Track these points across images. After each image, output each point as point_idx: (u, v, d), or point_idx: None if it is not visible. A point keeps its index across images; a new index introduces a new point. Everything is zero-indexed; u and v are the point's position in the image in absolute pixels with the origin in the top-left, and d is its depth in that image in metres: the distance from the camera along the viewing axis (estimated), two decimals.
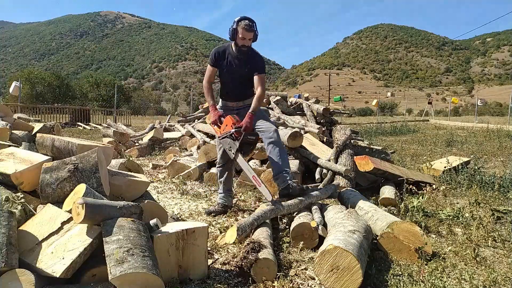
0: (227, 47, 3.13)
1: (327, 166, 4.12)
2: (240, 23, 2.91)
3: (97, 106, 30.48)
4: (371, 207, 2.82)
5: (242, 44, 2.97)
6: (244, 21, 2.92)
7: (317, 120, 6.33)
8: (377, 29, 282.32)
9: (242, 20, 2.92)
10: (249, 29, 2.91)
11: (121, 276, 1.45)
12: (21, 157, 2.18)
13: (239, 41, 2.95)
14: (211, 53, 3.17)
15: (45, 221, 1.75)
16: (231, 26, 2.96)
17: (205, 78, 3.22)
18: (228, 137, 2.92)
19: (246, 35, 2.93)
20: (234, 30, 2.93)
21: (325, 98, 54.44)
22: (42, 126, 4.55)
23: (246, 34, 2.93)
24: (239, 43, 2.97)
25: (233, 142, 2.89)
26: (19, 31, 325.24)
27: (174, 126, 8.70)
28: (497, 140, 9.77)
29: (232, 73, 3.12)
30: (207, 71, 3.22)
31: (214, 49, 3.18)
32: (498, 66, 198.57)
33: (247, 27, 2.90)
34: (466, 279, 1.97)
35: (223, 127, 3.01)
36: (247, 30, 2.91)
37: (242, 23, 2.91)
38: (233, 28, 2.94)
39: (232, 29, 2.95)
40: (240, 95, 3.21)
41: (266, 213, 2.64)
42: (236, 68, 3.09)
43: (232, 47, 3.08)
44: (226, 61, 3.10)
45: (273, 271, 1.96)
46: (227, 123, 2.97)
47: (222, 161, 3.29)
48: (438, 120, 23.63)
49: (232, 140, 2.90)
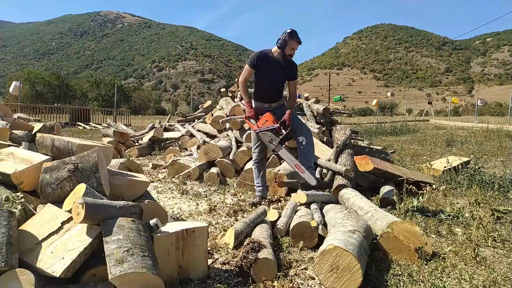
0: (268, 53, 3.43)
1: (327, 166, 4.11)
2: (293, 36, 3.31)
3: (97, 106, 30.46)
4: (371, 207, 2.82)
5: (289, 54, 3.36)
6: (297, 35, 3.33)
7: (317, 120, 6.32)
8: (377, 29, 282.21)
9: (295, 34, 3.32)
10: (299, 41, 3.36)
11: (121, 276, 1.45)
12: (21, 156, 2.17)
13: (288, 51, 3.34)
14: (253, 55, 3.46)
15: (45, 221, 1.75)
16: (283, 37, 3.31)
17: (242, 77, 3.54)
18: (268, 131, 3.32)
19: (295, 47, 3.36)
20: (285, 41, 3.30)
21: (325, 98, 54.41)
22: (42, 125, 4.54)
23: (296, 46, 3.36)
24: (287, 52, 3.35)
25: (274, 135, 3.30)
26: (19, 31, 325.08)
27: (174, 126, 8.69)
28: (497, 140, 9.77)
29: (273, 77, 3.46)
30: (245, 71, 3.52)
31: (256, 53, 3.48)
32: (498, 66, 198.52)
33: (299, 40, 3.34)
34: (466, 279, 1.97)
35: (262, 122, 3.37)
36: (298, 42, 3.35)
37: (295, 37, 3.31)
38: (284, 39, 3.30)
39: (283, 39, 3.31)
40: (276, 97, 3.57)
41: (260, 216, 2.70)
42: (278, 73, 3.46)
43: (273, 54, 3.40)
44: (267, 66, 3.42)
45: (273, 271, 1.96)
46: (267, 119, 3.35)
47: (259, 157, 3.62)
48: (438, 120, 23.62)
49: (273, 133, 3.31)
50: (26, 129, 4.25)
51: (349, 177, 3.90)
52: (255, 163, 3.67)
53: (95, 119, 18.55)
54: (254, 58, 3.43)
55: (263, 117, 3.40)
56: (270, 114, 3.38)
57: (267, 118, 3.37)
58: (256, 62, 3.42)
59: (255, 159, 3.66)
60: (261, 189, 3.63)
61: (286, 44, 3.32)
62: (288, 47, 3.33)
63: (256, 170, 3.67)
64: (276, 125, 3.28)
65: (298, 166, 3.22)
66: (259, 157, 3.63)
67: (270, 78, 3.48)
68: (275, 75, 3.48)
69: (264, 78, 3.48)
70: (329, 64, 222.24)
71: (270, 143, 3.33)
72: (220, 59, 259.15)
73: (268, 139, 3.34)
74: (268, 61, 3.42)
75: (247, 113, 3.52)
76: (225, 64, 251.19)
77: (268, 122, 3.35)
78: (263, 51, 3.49)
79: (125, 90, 40.51)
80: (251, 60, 3.45)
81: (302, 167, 3.20)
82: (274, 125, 3.30)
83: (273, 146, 3.30)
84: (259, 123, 3.41)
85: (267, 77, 3.47)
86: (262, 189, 3.63)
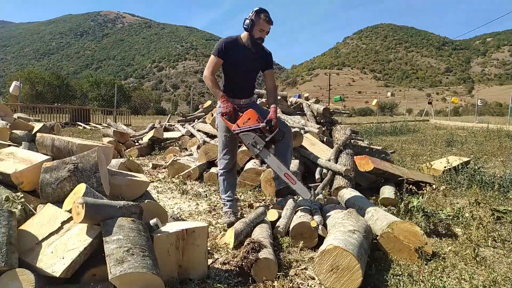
0: (236, 39, 2.92)
1: (327, 166, 4.12)
2: (261, 15, 2.80)
3: (97, 105, 30.46)
4: (371, 207, 2.82)
5: (259, 37, 2.84)
6: (265, 13, 2.81)
7: (317, 120, 6.32)
8: (377, 29, 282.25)
9: (262, 12, 2.81)
10: (269, 21, 2.82)
11: (121, 276, 1.45)
12: (21, 156, 2.17)
13: (257, 33, 2.82)
14: (219, 43, 2.92)
15: (45, 221, 1.75)
16: (249, 17, 2.82)
17: (209, 70, 2.93)
18: (251, 131, 2.74)
19: (265, 27, 2.82)
20: (252, 21, 2.79)
21: (325, 98, 54.42)
22: (42, 125, 4.55)
23: (265, 26, 2.82)
24: (255, 35, 2.83)
25: (258, 137, 2.73)
26: (19, 30, 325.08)
27: (174, 126, 8.69)
28: (497, 140, 9.77)
29: (243, 67, 2.95)
30: (211, 62, 2.94)
31: (223, 40, 2.94)
32: (498, 66, 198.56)
33: (268, 19, 2.81)
34: (466, 279, 1.97)
35: (243, 120, 2.79)
36: (267, 22, 2.81)
37: (262, 15, 2.80)
38: (251, 19, 2.80)
39: (250, 19, 2.80)
40: (248, 91, 3.07)
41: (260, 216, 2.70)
42: (248, 62, 2.94)
43: (242, 39, 2.91)
44: (237, 54, 2.90)
45: (273, 271, 1.96)
46: (250, 117, 2.77)
47: (229, 165, 3.04)
48: (438, 120, 23.62)
49: (257, 135, 2.73)
50: (26, 129, 4.26)
51: (349, 177, 3.90)
52: (224, 172, 3.05)
53: (95, 119, 18.55)
54: (221, 46, 2.88)
55: (245, 114, 2.81)
56: (253, 111, 2.81)
57: (250, 115, 2.78)
58: (224, 50, 2.87)
59: (223, 167, 3.04)
60: (232, 204, 3.04)
61: (254, 24, 2.79)
62: (256, 28, 2.80)
63: (225, 182, 3.05)
64: (262, 124, 2.72)
65: (288, 176, 2.72)
66: (229, 164, 3.04)
67: (242, 68, 2.95)
68: (246, 65, 2.95)
69: (234, 69, 2.95)
70: (329, 64, 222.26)
71: (254, 147, 2.74)
72: None
73: (251, 141, 2.74)
74: (238, 48, 2.89)
75: (223, 108, 2.84)
76: None
77: (252, 120, 2.76)
78: (231, 37, 2.96)
79: (125, 90, 40.53)
80: (218, 48, 2.89)
81: (293, 177, 2.71)
82: (259, 124, 2.73)
83: (257, 151, 2.74)
84: (239, 121, 2.80)
85: (237, 67, 2.94)
86: (232, 204, 3.04)
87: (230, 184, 3.07)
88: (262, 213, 2.74)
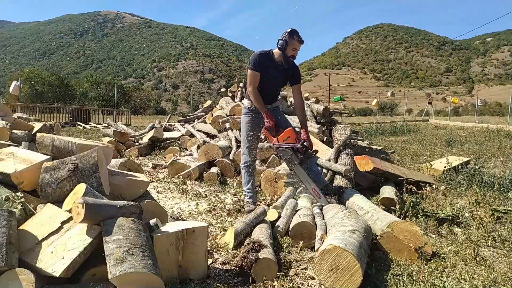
0: (269, 54, 3.20)
1: (327, 166, 4.11)
2: (294, 36, 3.08)
3: (97, 105, 30.46)
4: (371, 207, 2.82)
5: (291, 55, 3.13)
6: (297, 34, 3.10)
7: (317, 120, 6.32)
8: (377, 29, 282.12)
9: (295, 34, 3.08)
10: (301, 40, 3.12)
11: (121, 276, 1.45)
12: (21, 156, 2.17)
13: (290, 52, 3.11)
14: (254, 57, 3.18)
15: (45, 221, 1.75)
16: (283, 37, 3.09)
17: (252, 84, 3.16)
18: (289, 149, 3.10)
19: (298, 47, 3.13)
20: (285, 41, 3.08)
21: (325, 98, 54.38)
22: (42, 125, 4.54)
23: (298, 46, 3.12)
24: (288, 54, 3.11)
25: (294, 155, 3.09)
26: (19, 30, 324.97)
27: (174, 126, 8.69)
28: (497, 140, 9.77)
29: (273, 79, 3.24)
30: (252, 77, 3.16)
31: (257, 54, 3.20)
32: (498, 66, 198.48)
33: (300, 39, 3.10)
34: (466, 279, 1.97)
35: (284, 137, 3.11)
36: (299, 42, 3.11)
37: (295, 36, 3.08)
38: (284, 39, 3.08)
39: (284, 40, 3.08)
40: (274, 99, 3.38)
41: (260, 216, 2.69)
42: (279, 76, 3.24)
43: (275, 55, 3.18)
44: (269, 68, 3.17)
45: (273, 271, 1.96)
46: (289, 135, 3.11)
47: (251, 159, 3.37)
48: (438, 120, 23.62)
49: (294, 153, 3.09)
50: (26, 129, 4.25)
51: (349, 177, 3.90)
52: (246, 166, 3.38)
53: (95, 119, 18.56)
54: (256, 60, 3.16)
55: (285, 132, 3.13)
56: (292, 130, 3.15)
57: (290, 134, 3.12)
58: (260, 64, 3.16)
59: (246, 161, 3.37)
60: (252, 195, 3.36)
61: (287, 44, 3.09)
62: (289, 48, 3.10)
63: (247, 175, 3.38)
64: (299, 145, 3.07)
65: (315, 191, 3.04)
66: (251, 159, 3.38)
67: (270, 82, 3.24)
68: (275, 79, 3.26)
69: (264, 80, 3.21)
70: (329, 64, 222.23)
71: (290, 162, 3.12)
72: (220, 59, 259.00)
73: (288, 157, 3.11)
74: (271, 63, 3.18)
75: (267, 123, 3.15)
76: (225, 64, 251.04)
77: (291, 139, 3.11)
78: (264, 52, 3.23)
79: (125, 90, 40.54)
80: (254, 63, 3.15)
81: (319, 192, 3.03)
82: (297, 144, 3.08)
83: (292, 166, 3.13)
84: (280, 137, 3.13)
85: (267, 81, 3.21)
86: (253, 195, 3.37)
87: (251, 176, 3.37)
88: (262, 213, 2.74)
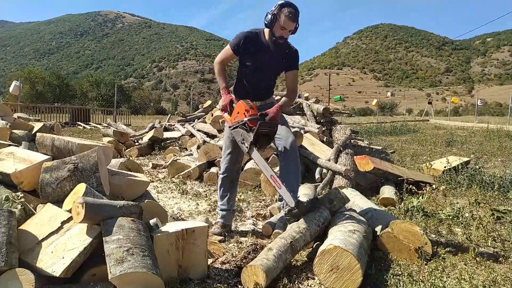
0: (258, 34, 2.51)
1: (327, 166, 4.12)
2: (284, 9, 2.33)
3: (97, 105, 30.49)
4: (371, 207, 2.82)
5: (280, 36, 2.40)
6: (289, 8, 2.34)
7: (317, 120, 6.33)
8: (377, 29, 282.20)
9: (286, 7, 2.34)
10: (294, 18, 2.35)
11: (121, 276, 1.45)
12: (21, 156, 2.17)
13: (277, 31, 2.38)
14: (239, 36, 2.53)
15: (45, 221, 1.75)
16: (271, 11, 2.38)
17: (220, 58, 2.59)
18: (240, 127, 2.39)
19: (288, 25, 2.36)
20: (274, 16, 2.35)
21: (325, 98, 54.42)
22: (42, 125, 4.54)
23: (288, 24, 2.36)
24: (276, 33, 2.39)
25: (246, 133, 2.35)
26: (19, 30, 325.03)
27: (174, 126, 8.69)
28: (497, 140, 9.77)
29: (264, 67, 2.58)
30: (225, 53, 2.58)
31: (243, 33, 2.53)
32: (498, 66, 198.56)
33: (292, 15, 2.34)
34: (466, 279, 1.97)
35: (234, 114, 2.46)
36: (290, 19, 2.34)
37: (286, 10, 2.33)
38: (273, 14, 2.36)
39: (272, 14, 2.36)
40: (265, 94, 2.70)
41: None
42: (268, 62, 2.56)
43: (265, 36, 2.49)
44: (256, 52, 2.51)
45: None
46: (239, 110, 2.43)
47: (230, 169, 2.68)
48: (438, 120, 23.63)
49: (245, 130, 2.36)
50: (26, 128, 4.25)
51: (349, 177, 3.90)
52: (224, 177, 2.69)
53: (95, 119, 18.56)
54: (240, 41, 2.50)
55: (236, 107, 2.47)
56: (242, 103, 2.42)
57: (238, 109, 2.44)
58: (243, 46, 2.50)
59: (223, 171, 2.69)
60: (224, 215, 2.71)
61: (276, 20, 2.36)
62: (277, 25, 2.37)
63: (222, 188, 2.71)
64: (246, 119, 2.34)
65: (274, 179, 2.29)
66: (229, 169, 2.67)
67: (259, 70, 2.58)
68: (265, 65, 2.56)
69: (250, 70, 2.59)
70: (329, 64, 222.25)
71: (242, 144, 2.39)
72: None
73: (239, 138, 2.40)
74: (258, 46, 2.50)
75: (223, 101, 2.53)
76: None
77: (240, 114, 2.41)
78: (252, 32, 2.54)
79: (125, 90, 40.64)
80: (236, 42, 2.51)
81: (279, 181, 2.27)
82: (244, 118, 2.36)
83: (246, 149, 2.36)
84: (232, 116, 2.49)
85: (255, 70, 2.57)
86: (225, 215, 2.71)
87: (227, 191, 2.71)
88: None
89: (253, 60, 2.55)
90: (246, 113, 2.37)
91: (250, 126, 2.34)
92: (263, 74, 2.63)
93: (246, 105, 2.41)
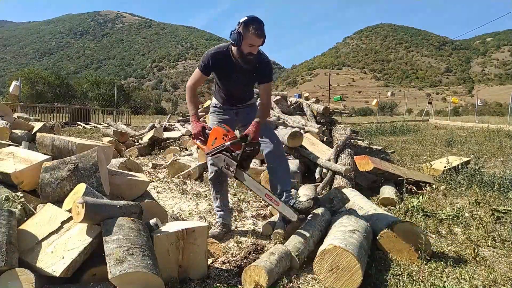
0: (225, 52, 2.47)
1: (327, 165, 4.12)
2: (250, 27, 2.27)
3: (97, 105, 30.48)
4: (371, 207, 2.82)
5: (248, 52, 2.35)
6: (254, 24, 2.28)
7: (317, 119, 6.33)
8: (377, 29, 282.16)
9: (251, 24, 2.28)
10: (260, 34, 2.30)
11: (121, 276, 1.45)
12: (21, 156, 2.17)
13: (246, 48, 2.33)
14: (205, 57, 2.49)
15: (45, 221, 1.75)
16: (236, 29, 2.32)
17: (191, 82, 2.59)
18: (221, 153, 2.34)
19: (256, 42, 2.32)
20: (239, 34, 2.30)
21: (325, 98, 54.40)
22: (42, 125, 4.55)
23: (256, 41, 2.31)
24: (245, 50, 2.34)
25: (229, 158, 2.31)
26: (19, 30, 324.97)
27: (174, 126, 8.69)
28: (497, 140, 9.77)
29: (235, 82, 2.58)
30: (194, 76, 2.57)
31: (209, 53, 2.49)
32: (498, 66, 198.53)
33: (258, 31, 2.28)
34: (466, 279, 1.97)
35: (211, 140, 2.41)
36: (257, 36, 2.29)
37: (251, 27, 2.27)
38: (237, 32, 2.30)
39: (236, 32, 2.31)
40: (241, 100, 2.71)
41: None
42: (239, 79, 2.55)
43: (233, 52, 2.43)
44: (227, 69, 2.50)
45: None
46: (216, 136, 2.38)
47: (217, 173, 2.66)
48: (438, 120, 23.62)
49: (228, 156, 2.32)
50: (26, 128, 4.25)
51: (349, 177, 3.90)
52: (212, 178, 2.67)
53: (95, 118, 18.56)
54: (207, 61, 2.47)
55: (211, 133, 2.44)
56: (218, 128, 2.41)
57: (216, 134, 2.38)
58: (211, 66, 2.48)
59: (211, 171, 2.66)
60: (222, 214, 2.71)
61: (242, 39, 2.30)
62: (244, 43, 2.31)
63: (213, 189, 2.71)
64: (228, 143, 2.29)
65: (269, 197, 2.31)
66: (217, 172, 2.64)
67: (232, 84, 2.59)
68: (239, 79, 2.54)
69: (225, 82, 2.61)
70: (329, 64, 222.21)
71: (227, 170, 2.33)
72: None
73: (223, 164, 2.34)
74: (227, 62, 2.46)
75: (193, 129, 2.51)
76: None
77: (218, 140, 2.34)
78: (219, 49, 2.49)
79: (125, 90, 40.65)
80: (203, 64, 2.48)
81: (275, 198, 2.30)
82: (225, 143, 2.31)
83: (232, 174, 2.31)
84: (208, 143, 2.43)
85: (228, 82, 2.59)
86: (223, 215, 2.71)
87: (218, 191, 2.72)
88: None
89: (225, 77, 2.58)
90: (225, 137, 2.33)
91: (232, 150, 2.32)
92: (237, 88, 2.65)
93: (223, 129, 2.39)
